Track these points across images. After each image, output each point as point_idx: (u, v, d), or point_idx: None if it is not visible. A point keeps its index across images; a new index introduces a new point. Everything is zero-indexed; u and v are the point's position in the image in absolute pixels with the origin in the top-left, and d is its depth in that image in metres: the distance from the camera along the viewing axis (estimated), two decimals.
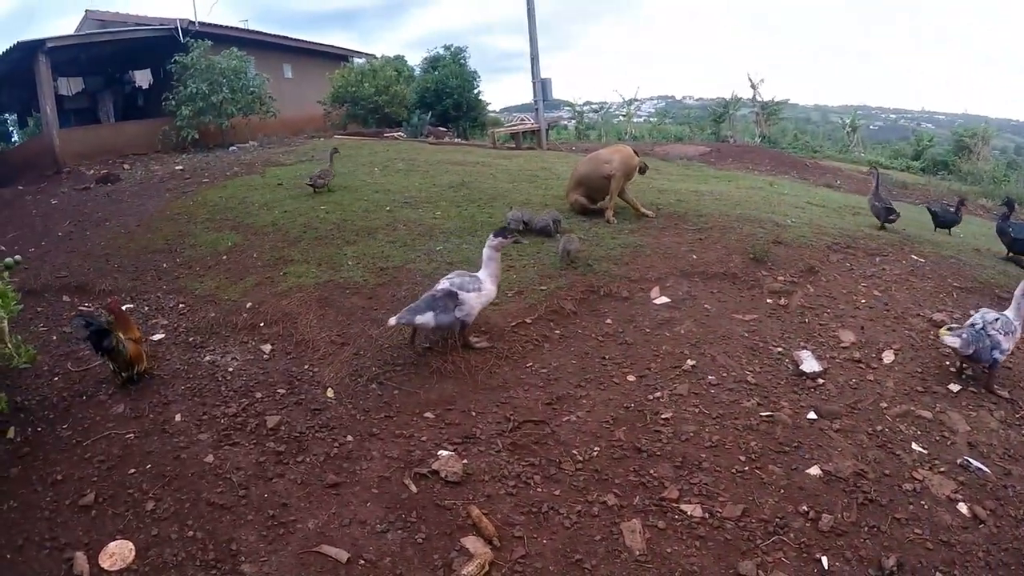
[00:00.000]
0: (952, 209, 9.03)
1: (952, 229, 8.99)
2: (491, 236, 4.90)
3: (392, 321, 4.68)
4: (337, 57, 24.92)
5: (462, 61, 23.66)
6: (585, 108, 30.14)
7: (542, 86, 20.24)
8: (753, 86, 24.95)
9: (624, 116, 29.35)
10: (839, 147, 24.33)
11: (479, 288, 4.80)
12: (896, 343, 5.25)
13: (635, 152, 8.35)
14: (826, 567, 3.23)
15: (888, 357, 5.05)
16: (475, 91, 23.81)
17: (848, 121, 26.59)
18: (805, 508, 3.58)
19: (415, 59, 23.98)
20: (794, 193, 11.57)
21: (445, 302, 4.71)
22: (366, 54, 25.83)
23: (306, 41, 24.17)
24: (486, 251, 4.91)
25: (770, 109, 25.09)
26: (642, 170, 8.49)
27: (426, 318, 4.70)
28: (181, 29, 17.67)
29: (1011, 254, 7.86)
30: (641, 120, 32.57)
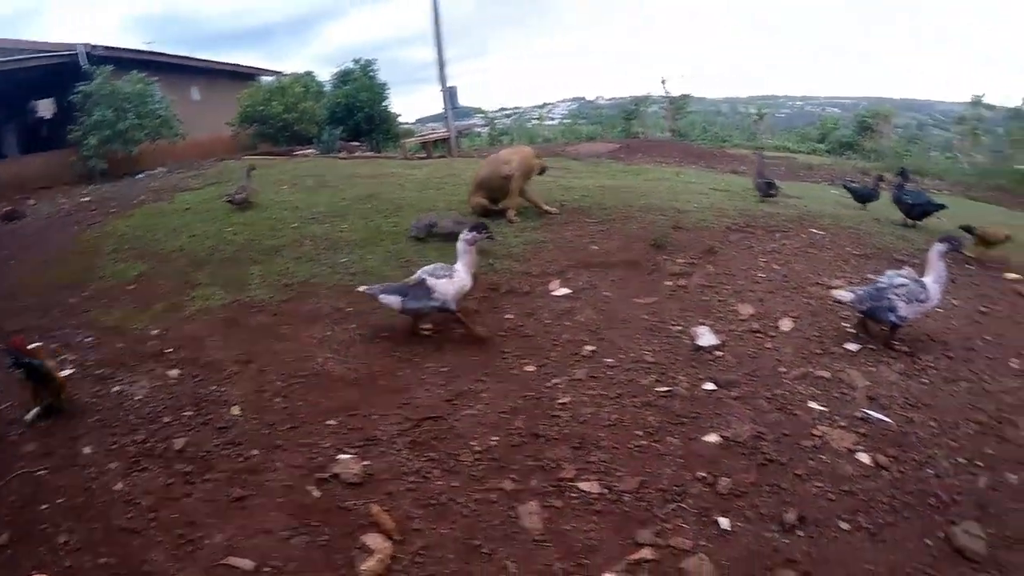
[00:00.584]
0: (871, 186, 9.98)
1: (869, 204, 9.78)
2: (465, 232, 5.35)
3: (361, 288, 5.47)
4: (245, 76, 25.09)
5: (372, 74, 24.04)
6: (498, 114, 30.86)
7: (449, 94, 20.76)
8: (662, 83, 26.19)
9: (537, 120, 30.12)
10: (747, 136, 25.69)
11: (451, 275, 5.25)
12: (794, 311, 5.73)
13: (536, 153, 8.92)
14: (727, 528, 3.55)
15: (786, 325, 5.51)
16: (385, 104, 24.35)
17: (755, 111, 28.22)
18: (703, 474, 3.90)
19: (328, 75, 24.12)
20: (699, 181, 12.35)
21: (416, 290, 5.22)
22: (274, 72, 25.96)
23: (213, 61, 24.20)
24: (459, 245, 5.34)
25: (678, 104, 26.39)
26: (542, 170, 8.98)
27: (391, 299, 5.30)
28: (85, 54, 17.49)
29: (909, 220, 8.59)
30: (555, 122, 33.74)
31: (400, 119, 27.27)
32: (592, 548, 3.46)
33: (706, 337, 5.26)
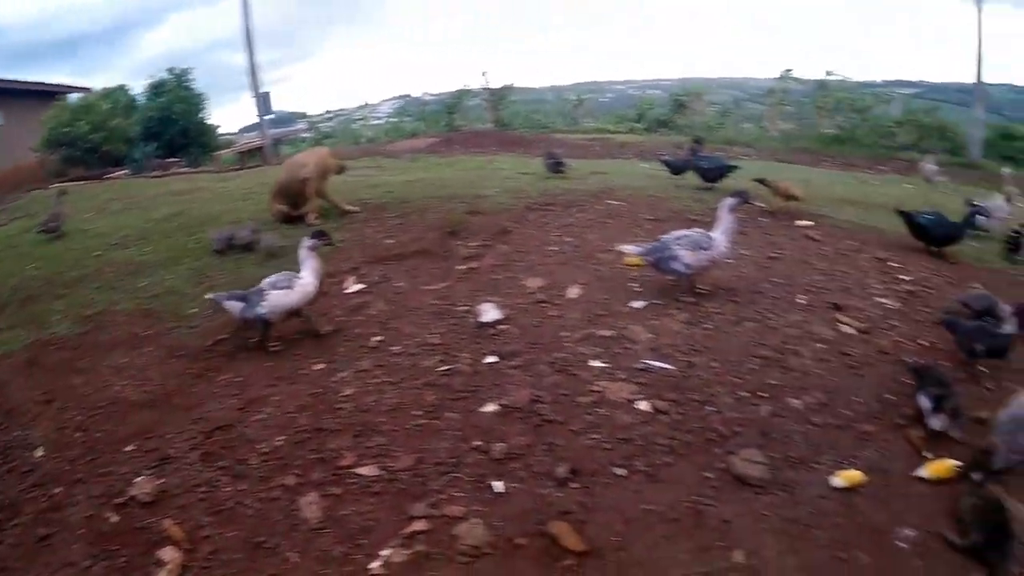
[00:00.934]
0: (684, 157, 10.37)
1: (684, 174, 10.21)
2: (305, 239, 5.42)
3: (208, 295, 5.53)
4: (52, 95, 23.05)
5: (188, 84, 22.92)
6: (323, 118, 30.45)
7: (263, 100, 20.13)
8: (483, 75, 26.63)
9: (360, 120, 29.97)
10: (567, 121, 26.54)
11: (291, 285, 5.27)
12: (583, 279, 5.96)
13: (332, 153, 9.14)
14: (502, 490, 3.67)
15: (574, 292, 5.72)
16: (202, 114, 23.30)
17: (575, 96, 29.23)
18: (479, 443, 4.02)
19: (143, 86, 22.88)
20: (510, 166, 12.73)
21: (255, 297, 5.23)
22: (83, 88, 24.51)
23: (14, 81, 22.42)
24: (301, 252, 5.39)
25: (500, 95, 26.92)
26: (341, 170, 9.06)
27: (232, 305, 5.30)
28: None
29: (706, 183, 9.14)
30: (381, 122, 33.66)
31: (221, 130, 26.60)
32: (368, 528, 3.56)
33: (490, 313, 5.36)
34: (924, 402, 4.17)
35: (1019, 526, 3.34)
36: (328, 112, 32.51)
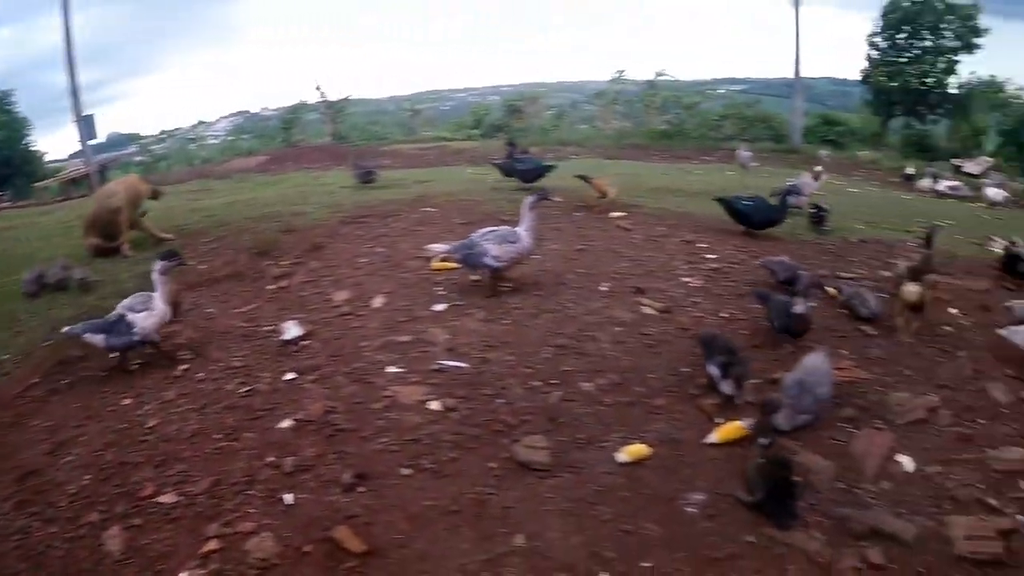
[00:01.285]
0: (542, 161, 10.59)
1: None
2: (156, 262, 5.26)
3: (64, 329, 5.17)
4: None
5: (8, 108, 21.11)
6: (157, 139, 29.15)
7: (86, 123, 18.97)
8: (318, 88, 26.14)
9: (195, 140, 28.95)
10: (405, 131, 26.52)
11: (149, 307, 5.12)
12: (389, 287, 5.99)
13: (142, 179, 8.80)
14: (292, 502, 3.64)
15: (378, 302, 5.73)
16: (27, 141, 21.62)
17: (410, 106, 29.21)
18: (272, 459, 3.97)
19: None
20: (336, 181, 12.60)
21: (118, 326, 5.06)
22: None
23: None
24: (154, 276, 5.25)
25: (337, 108, 26.53)
26: (155, 195, 8.78)
27: (95, 338, 5.09)
28: None
29: (524, 183, 9.38)
30: (218, 140, 32.40)
31: (48, 157, 24.89)
32: (167, 554, 3.46)
33: (292, 331, 5.31)
34: (713, 370, 4.43)
35: (798, 482, 3.60)
36: (163, 132, 31.09)
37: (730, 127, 23.47)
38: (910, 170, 18.33)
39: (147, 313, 5.13)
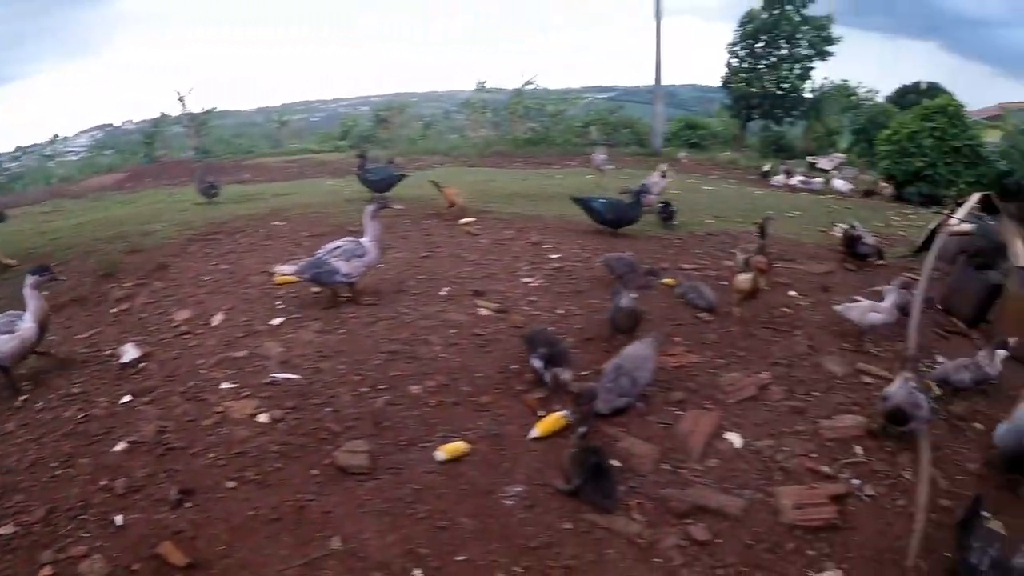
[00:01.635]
0: (394, 171, 10.67)
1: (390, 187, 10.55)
2: (28, 276, 5.11)
3: None
4: None
5: None
6: (10, 155, 27.43)
7: None
8: (180, 100, 25.07)
9: (52, 156, 27.43)
10: (271, 144, 25.94)
11: (11, 329, 4.92)
12: (230, 304, 5.97)
13: None
14: (122, 523, 3.61)
15: (217, 319, 5.71)
16: None
17: (278, 117, 28.58)
18: (106, 482, 3.91)
19: None
20: (191, 198, 12.22)
21: None
22: None
23: None
24: (25, 290, 5.07)
25: (200, 120, 25.61)
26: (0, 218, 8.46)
27: None
28: None
29: (376, 193, 9.45)
30: (78, 157, 30.68)
31: None
32: None
33: (130, 353, 5.23)
34: (535, 363, 4.61)
35: (613, 468, 3.78)
36: (18, 149, 29.33)
37: (595, 133, 24.09)
38: (766, 167, 19.43)
39: (7, 337, 4.90)
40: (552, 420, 4.25)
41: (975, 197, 9.66)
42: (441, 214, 9.05)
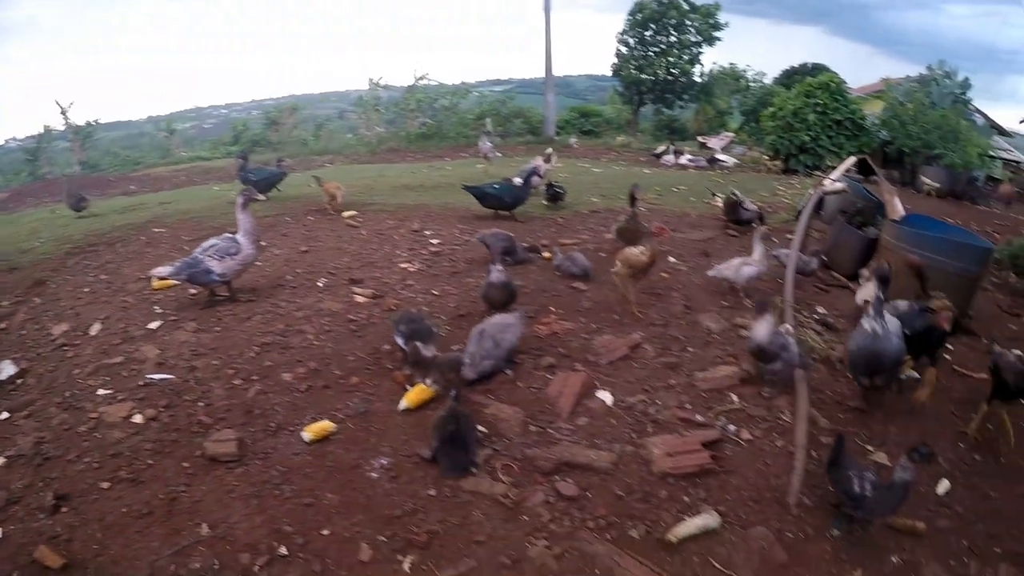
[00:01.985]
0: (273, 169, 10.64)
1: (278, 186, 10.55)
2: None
3: None
4: None
5: None
6: None
7: None
8: (63, 112, 23.93)
9: None
10: (161, 154, 25.08)
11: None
12: (107, 313, 5.87)
13: None
14: (2, 535, 3.53)
15: (95, 329, 5.61)
16: None
17: (167, 126, 27.61)
18: None
19: None
20: (67, 214, 11.87)
21: None
22: None
23: None
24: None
25: (84, 133, 24.57)
26: None
27: None
28: None
29: (259, 193, 9.41)
30: None
31: None
32: None
33: (7, 370, 5.11)
34: (398, 339, 4.73)
35: (473, 433, 3.89)
36: None
37: (489, 124, 24.26)
38: (660, 148, 20.16)
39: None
40: (419, 391, 4.36)
41: (850, 160, 10.24)
42: (323, 209, 9.09)
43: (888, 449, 4.09)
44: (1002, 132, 27.40)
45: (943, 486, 3.87)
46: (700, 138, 26.18)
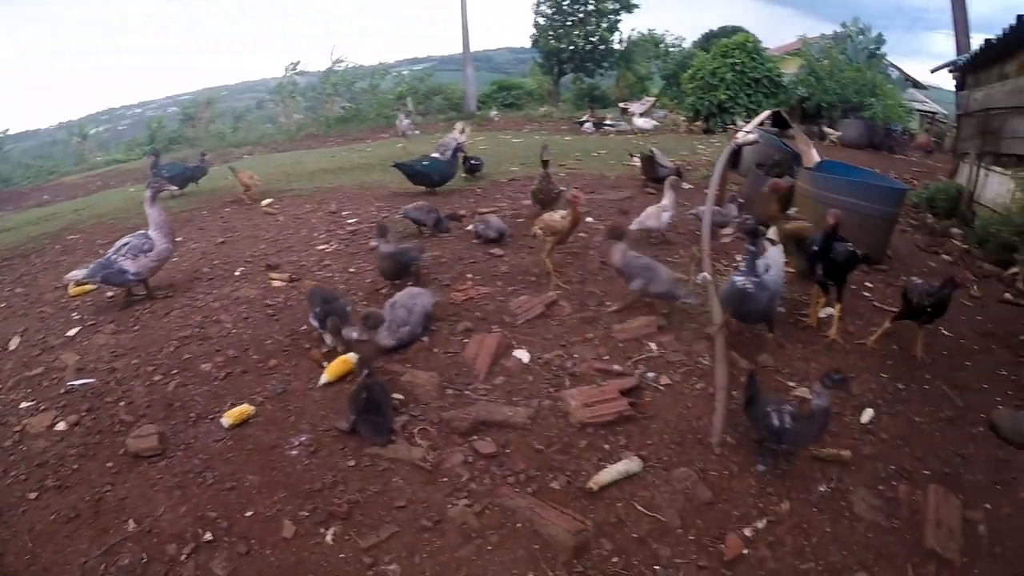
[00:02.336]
0: (196, 164, 10.46)
1: (200, 181, 10.36)
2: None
3: None
4: None
5: None
6: None
7: None
8: None
9: None
10: (76, 160, 24.17)
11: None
12: (24, 326, 5.72)
13: None
14: None
15: (14, 343, 5.45)
16: None
17: (79, 131, 26.64)
18: None
19: None
20: None
21: None
22: None
23: None
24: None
25: None
26: None
27: None
28: None
29: (176, 191, 9.25)
30: None
31: None
32: None
33: None
34: (312, 320, 4.71)
35: (389, 400, 3.90)
36: None
37: (410, 103, 24.04)
38: (584, 117, 20.34)
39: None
40: (338, 364, 4.34)
41: (765, 114, 10.45)
42: (240, 200, 8.98)
43: (810, 384, 4.17)
44: (916, 85, 28.28)
45: (867, 415, 3.98)
46: (621, 104, 26.37)
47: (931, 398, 4.24)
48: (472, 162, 9.91)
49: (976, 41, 10.58)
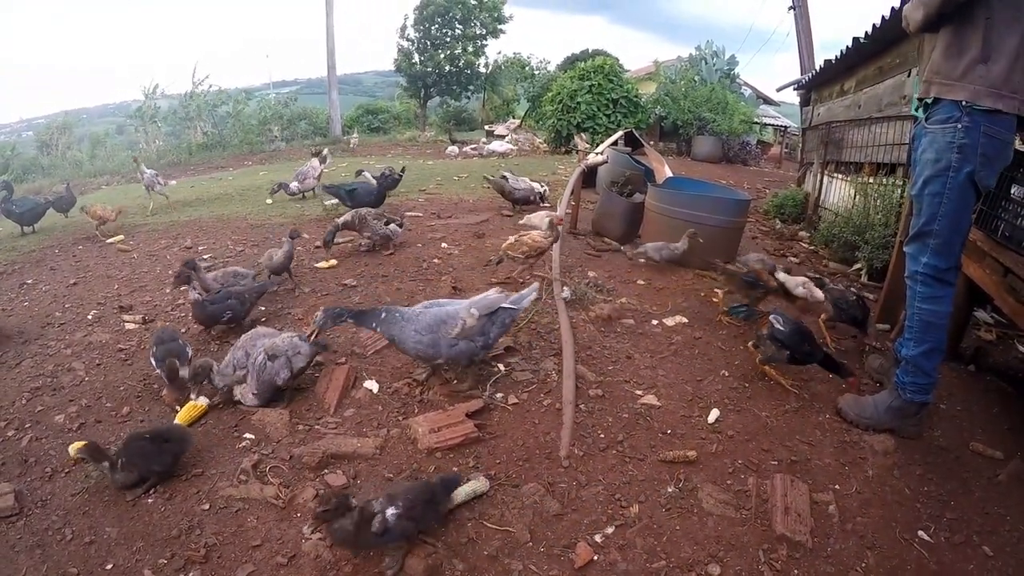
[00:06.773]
0: (62, 195, 9.60)
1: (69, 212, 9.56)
2: None
3: None
4: None
5: None
6: None
7: None
8: None
9: None
10: None
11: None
12: None
13: None
14: None
15: None
16: None
17: None
18: None
19: None
20: None
21: None
22: None
23: None
24: None
25: None
26: None
27: None
28: None
29: (25, 228, 8.56)
30: None
31: None
32: None
33: None
34: (152, 361, 4.40)
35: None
36: None
37: (276, 130, 23.12)
38: (453, 141, 20.20)
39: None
40: (189, 408, 4.08)
41: (619, 133, 10.66)
42: (94, 237, 8.34)
43: (657, 392, 4.20)
44: (768, 101, 29.97)
45: (713, 415, 4.00)
46: (487, 126, 26.39)
47: (776, 393, 4.30)
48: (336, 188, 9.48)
49: (820, 61, 11.33)
